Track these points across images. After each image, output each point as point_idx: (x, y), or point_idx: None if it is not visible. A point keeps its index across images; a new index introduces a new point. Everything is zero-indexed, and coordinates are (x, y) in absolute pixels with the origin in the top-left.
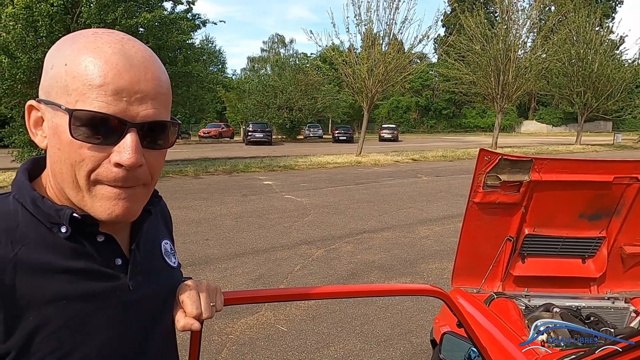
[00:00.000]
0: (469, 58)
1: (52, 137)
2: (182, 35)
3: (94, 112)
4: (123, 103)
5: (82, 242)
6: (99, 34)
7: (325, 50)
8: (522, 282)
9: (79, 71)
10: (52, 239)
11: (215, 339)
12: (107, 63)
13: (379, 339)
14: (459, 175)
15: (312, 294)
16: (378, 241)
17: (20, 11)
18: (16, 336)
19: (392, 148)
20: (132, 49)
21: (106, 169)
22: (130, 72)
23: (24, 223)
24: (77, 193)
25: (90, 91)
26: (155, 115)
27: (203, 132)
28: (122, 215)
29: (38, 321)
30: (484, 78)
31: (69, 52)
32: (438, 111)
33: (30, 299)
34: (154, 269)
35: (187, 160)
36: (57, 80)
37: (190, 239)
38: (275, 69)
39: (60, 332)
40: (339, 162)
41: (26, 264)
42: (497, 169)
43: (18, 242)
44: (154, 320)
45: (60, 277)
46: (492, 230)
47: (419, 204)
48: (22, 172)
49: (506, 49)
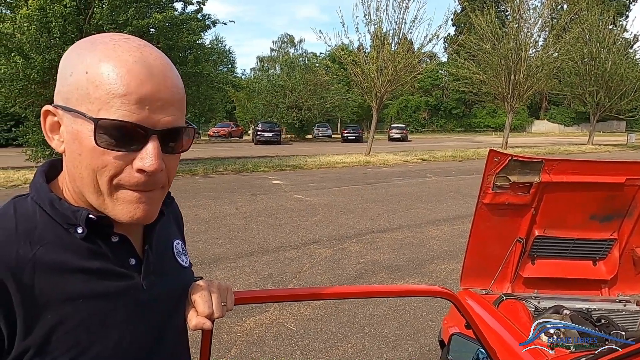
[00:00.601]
0: (480, 57)
1: (72, 142)
2: (192, 36)
3: (119, 121)
4: (145, 111)
5: (97, 242)
6: (116, 40)
7: (335, 50)
8: (531, 284)
9: (102, 80)
10: (69, 239)
11: (225, 337)
12: (129, 72)
13: (387, 339)
14: (469, 176)
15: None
16: (387, 241)
17: (34, 12)
18: (35, 334)
19: (401, 148)
20: (151, 56)
21: (128, 174)
22: (151, 80)
23: (42, 224)
24: (98, 197)
25: (114, 100)
26: (174, 122)
27: (213, 131)
28: (142, 217)
29: (55, 320)
30: (495, 77)
31: (89, 59)
32: (448, 111)
33: (48, 298)
34: (167, 269)
35: (197, 159)
36: (78, 88)
37: (200, 238)
38: (285, 68)
39: (76, 330)
40: (348, 161)
41: (44, 264)
42: (506, 170)
43: (36, 242)
44: (166, 318)
45: (76, 277)
46: (502, 231)
47: (428, 204)
48: (40, 174)
49: (517, 48)
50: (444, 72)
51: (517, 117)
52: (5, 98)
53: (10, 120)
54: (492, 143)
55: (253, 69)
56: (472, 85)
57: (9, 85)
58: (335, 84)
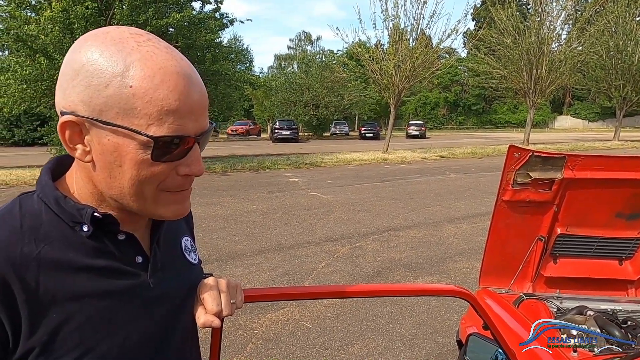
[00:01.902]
0: (500, 52)
1: (109, 154)
2: (210, 35)
3: (175, 137)
4: (192, 121)
5: (103, 240)
6: (142, 44)
7: (352, 47)
8: (553, 284)
9: (152, 96)
10: (75, 237)
11: (241, 334)
12: (176, 86)
13: (404, 338)
14: (488, 173)
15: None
16: (404, 239)
17: (58, 14)
18: (40, 332)
19: (420, 145)
20: (183, 62)
21: (173, 179)
22: (194, 91)
23: (47, 222)
24: (140, 202)
25: (167, 116)
26: (207, 123)
27: (231, 129)
28: (184, 213)
29: (61, 318)
30: (516, 72)
31: (131, 72)
32: (467, 107)
33: (53, 296)
34: (174, 266)
35: (215, 157)
36: (119, 101)
37: (218, 235)
38: (302, 66)
39: (82, 328)
40: (365, 159)
41: (49, 262)
42: (527, 166)
43: (41, 240)
44: (174, 316)
45: (82, 275)
46: (522, 229)
47: (446, 202)
48: (46, 171)
49: (539, 42)
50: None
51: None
52: (30, 98)
53: (35, 120)
54: (513, 139)
55: (271, 67)
56: (492, 80)
57: (34, 86)
58: (353, 81)
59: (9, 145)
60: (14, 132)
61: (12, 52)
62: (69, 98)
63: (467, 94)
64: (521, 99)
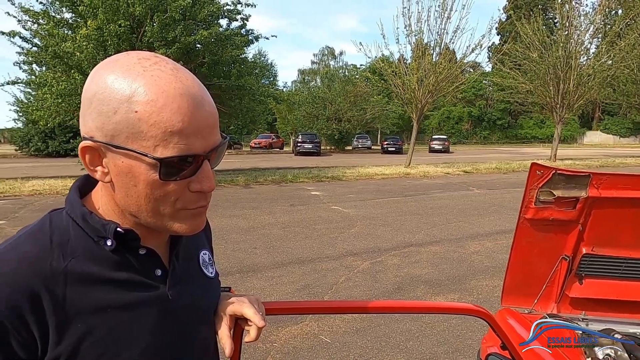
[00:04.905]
0: (526, 66)
1: (124, 176)
2: (235, 50)
3: (181, 156)
4: (199, 140)
5: (125, 255)
6: (148, 68)
7: (375, 62)
8: (579, 305)
9: (156, 119)
10: (99, 251)
11: (260, 347)
12: (180, 108)
13: (424, 356)
14: (514, 189)
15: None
16: (426, 255)
17: (93, 32)
18: (65, 343)
19: (443, 159)
20: (188, 82)
21: (188, 196)
22: (200, 110)
23: (74, 237)
24: (157, 219)
25: (171, 137)
26: (218, 140)
27: (254, 142)
28: (199, 228)
29: (85, 329)
30: (542, 87)
31: (136, 97)
32: (492, 121)
33: (78, 308)
34: (192, 279)
35: (239, 170)
36: (127, 126)
37: (239, 247)
38: (325, 80)
39: (104, 339)
40: (387, 173)
41: (75, 276)
42: (550, 184)
43: (69, 254)
44: (193, 327)
45: (105, 287)
46: (546, 248)
47: (469, 218)
48: (74, 189)
49: (567, 56)
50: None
51: (567, 128)
52: (65, 112)
53: (68, 132)
54: (539, 155)
55: (294, 81)
56: (518, 95)
57: (69, 100)
58: (375, 95)
59: (43, 156)
60: (48, 143)
61: (49, 68)
62: (87, 125)
63: (492, 109)
64: (548, 114)
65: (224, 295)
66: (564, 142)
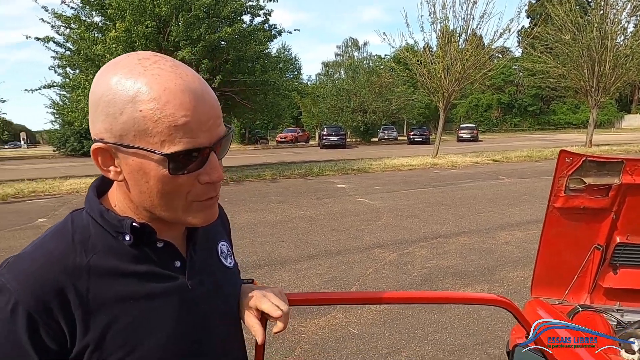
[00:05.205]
0: (558, 49)
1: (136, 173)
2: (259, 46)
3: (187, 150)
4: (204, 132)
5: (143, 248)
6: (148, 67)
7: (399, 51)
8: (613, 295)
9: (159, 116)
10: (118, 246)
11: (289, 337)
12: (182, 104)
13: (452, 348)
14: (546, 177)
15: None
16: (454, 246)
17: (121, 34)
18: (92, 332)
19: (471, 149)
20: (188, 77)
21: (198, 189)
22: (202, 104)
23: (94, 234)
24: (171, 213)
25: (176, 132)
26: (221, 131)
27: (280, 137)
28: (212, 219)
29: (109, 319)
30: (576, 70)
31: (139, 97)
32: (523, 108)
33: (102, 300)
34: (211, 269)
35: (265, 164)
36: (134, 125)
37: (267, 240)
38: (349, 72)
39: (128, 328)
40: (414, 164)
41: (97, 270)
42: (581, 172)
43: (90, 251)
44: (213, 316)
45: (125, 280)
46: (577, 237)
47: (499, 208)
48: (92, 189)
49: (602, 36)
50: (518, 67)
51: (604, 112)
52: None
53: None
54: (574, 141)
55: (318, 74)
56: (550, 79)
57: None
58: (401, 86)
59: (79, 156)
60: (83, 143)
61: (82, 70)
62: (96, 127)
63: (523, 95)
64: (583, 98)
65: (248, 288)
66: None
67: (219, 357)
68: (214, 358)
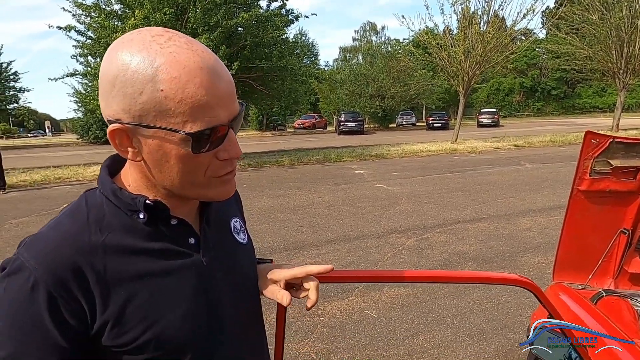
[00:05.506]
0: (585, 30)
1: (155, 152)
2: (276, 31)
3: (210, 129)
4: (223, 110)
5: (158, 225)
6: (163, 45)
7: (418, 35)
8: (639, 281)
9: (182, 96)
10: (133, 224)
11: (308, 320)
12: (202, 82)
13: (471, 332)
14: (570, 162)
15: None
16: (473, 232)
17: (140, 22)
18: (111, 308)
19: (492, 134)
20: (204, 54)
21: (216, 165)
22: (220, 80)
23: (109, 213)
24: (191, 190)
25: (199, 111)
26: (237, 107)
27: (297, 123)
28: (230, 193)
29: (127, 295)
30: (603, 51)
31: (159, 76)
32: (546, 92)
33: (119, 277)
34: (225, 245)
35: (283, 150)
36: (154, 106)
37: (285, 226)
38: (367, 57)
39: (146, 304)
40: (433, 149)
41: (113, 247)
42: (607, 154)
43: (105, 229)
44: (229, 292)
45: (141, 257)
46: (602, 221)
47: (520, 194)
48: (104, 169)
49: (632, 15)
50: (542, 49)
51: (632, 95)
52: None
53: None
54: (600, 125)
55: (336, 59)
56: (576, 62)
57: None
58: (419, 70)
59: (102, 144)
60: (105, 131)
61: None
62: (112, 107)
63: (546, 78)
64: (610, 81)
65: (269, 266)
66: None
67: (237, 333)
68: (232, 334)
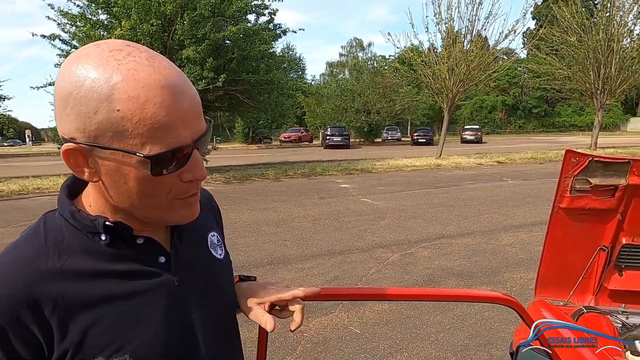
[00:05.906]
0: (564, 51)
1: (113, 174)
2: (264, 45)
3: (172, 150)
4: (186, 129)
5: (122, 246)
6: (122, 61)
7: (404, 52)
8: (618, 297)
9: (140, 116)
10: (94, 246)
11: (291, 336)
12: (163, 101)
13: (455, 349)
14: (550, 179)
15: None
16: (457, 247)
17: (127, 32)
18: (70, 337)
19: (475, 150)
20: (166, 70)
21: (179, 187)
22: (183, 99)
23: (68, 235)
24: (151, 213)
25: (159, 132)
26: (203, 125)
27: (283, 136)
28: (193, 217)
29: (90, 319)
30: (582, 72)
31: (115, 95)
32: (527, 110)
33: (80, 302)
34: (199, 262)
35: (268, 164)
36: (111, 126)
37: (270, 239)
38: (353, 72)
39: (111, 328)
40: (418, 165)
41: (72, 272)
42: (587, 172)
43: (64, 252)
44: (203, 311)
45: (106, 280)
46: (582, 238)
47: (503, 209)
48: (64, 189)
49: (608, 39)
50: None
51: (609, 115)
52: None
53: None
54: (579, 144)
55: (322, 74)
56: (555, 81)
57: None
58: (405, 86)
59: None
60: None
61: None
62: (65, 126)
63: (527, 97)
64: (588, 101)
65: (253, 285)
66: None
67: (212, 354)
68: (207, 355)
